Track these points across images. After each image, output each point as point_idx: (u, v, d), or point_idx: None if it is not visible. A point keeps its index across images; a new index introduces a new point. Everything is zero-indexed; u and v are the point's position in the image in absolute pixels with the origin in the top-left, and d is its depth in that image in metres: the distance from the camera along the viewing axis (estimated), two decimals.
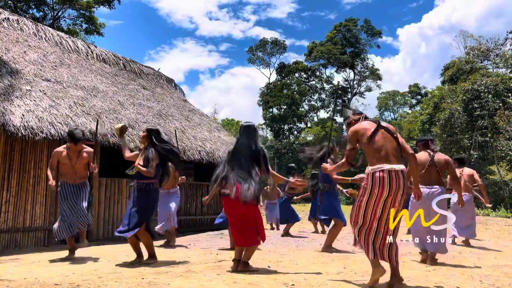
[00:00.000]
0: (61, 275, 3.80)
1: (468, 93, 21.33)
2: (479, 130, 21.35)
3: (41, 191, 7.27)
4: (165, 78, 15.08)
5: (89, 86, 9.97)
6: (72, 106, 8.33)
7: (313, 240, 7.61)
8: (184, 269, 4.03)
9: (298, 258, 4.90)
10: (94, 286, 3.26)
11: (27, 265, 4.63)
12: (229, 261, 4.47)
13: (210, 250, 6.00)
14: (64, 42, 11.74)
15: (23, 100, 7.41)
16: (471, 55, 28.39)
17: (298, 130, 45.47)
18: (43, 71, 9.16)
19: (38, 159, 7.31)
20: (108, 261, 4.87)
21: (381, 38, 48.62)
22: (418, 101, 46.28)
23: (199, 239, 7.90)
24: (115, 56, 13.13)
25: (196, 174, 12.11)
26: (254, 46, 48.93)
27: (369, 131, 3.48)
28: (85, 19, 26.32)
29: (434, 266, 4.47)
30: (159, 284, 3.32)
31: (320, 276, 3.72)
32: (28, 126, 6.85)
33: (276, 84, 45.73)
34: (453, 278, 3.79)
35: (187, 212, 10.43)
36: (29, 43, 10.30)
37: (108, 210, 8.33)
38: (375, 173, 3.35)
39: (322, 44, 46.08)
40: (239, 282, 3.36)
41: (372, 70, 47.02)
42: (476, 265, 4.67)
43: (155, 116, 10.75)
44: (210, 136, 11.87)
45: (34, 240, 7.11)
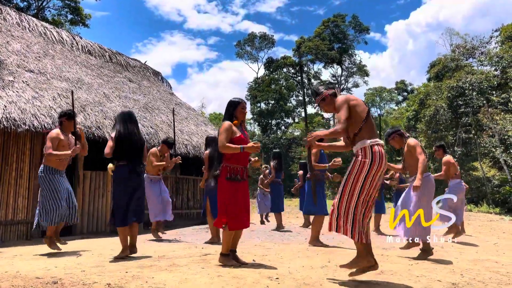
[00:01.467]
0: (43, 269, 3.75)
1: (453, 90, 21.61)
2: (463, 127, 21.68)
3: (24, 184, 7.15)
4: (152, 71, 14.93)
5: (74, 78, 9.81)
6: (56, 98, 8.19)
7: (299, 234, 7.65)
8: (168, 263, 4.01)
9: (283, 252, 4.91)
10: (77, 279, 3.22)
11: (9, 259, 4.56)
12: (214, 254, 4.47)
13: (195, 244, 5.98)
14: (49, 32, 11.52)
15: (5, 91, 7.26)
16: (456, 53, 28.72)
17: (286, 125, 45.56)
18: (26, 61, 8.98)
19: (21, 152, 7.17)
20: (92, 254, 4.82)
21: (369, 34, 49.00)
22: (405, 98, 46.80)
23: (184, 233, 7.88)
24: (100, 48, 12.93)
25: (182, 168, 12.04)
26: (242, 41, 48.80)
27: (363, 104, 3.33)
28: (70, 9, 25.90)
29: (416, 260, 4.54)
30: (143, 277, 3.30)
31: (304, 269, 3.74)
32: (10, 117, 6.71)
33: (264, 79, 45.69)
34: (435, 272, 3.85)
35: (173, 206, 10.36)
36: (12, 33, 10.08)
37: (92, 204, 8.24)
38: (374, 146, 3.19)
39: (310, 39, 46.15)
40: (224, 276, 3.36)
41: (360, 66, 47.31)
42: (458, 259, 4.75)
43: (141, 109, 10.64)
44: (197, 130, 11.81)
45: (17, 234, 7.00)
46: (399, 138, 5.11)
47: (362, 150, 3.21)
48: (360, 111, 3.28)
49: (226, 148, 3.84)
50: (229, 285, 3.06)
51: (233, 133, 3.93)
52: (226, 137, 3.87)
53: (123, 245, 4.49)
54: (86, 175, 8.13)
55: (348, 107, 3.28)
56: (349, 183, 3.20)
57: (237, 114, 4.04)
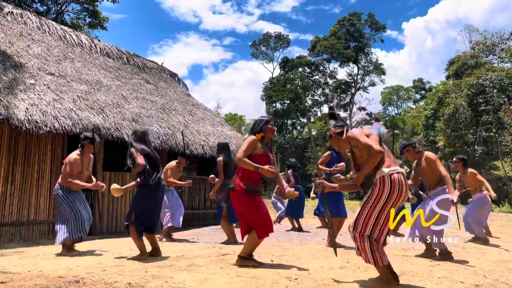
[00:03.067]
0: (65, 268, 3.82)
1: (473, 87, 21.21)
2: (483, 125, 21.24)
3: (45, 185, 7.30)
4: (169, 72, 15.06)
5: (93, 80, 9.97)
6: (76, 100, 8.33)
7: (316, 234, 7.61)
8: (187, 263, 4.04)
9: (301, 252, 4.90)
10: (98, 278, 3.27)
11: (31, 258, 4.66)
12: (232, 255, 4.48)
13: (213, 244, 6.01)
14: (68, 36, 11.73)
15: (27, 94, 7.42)
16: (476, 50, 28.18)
17: (301, 125, 45.37)
18: (46, 65, 9.17)
19: (42, 153, 7.33)
20: (112, 254, 4.89)
21: (385, 32, 48.37)
22: (422, 96, 46.05)
23: (202, 233, 7.92)
24: (118, 50, 13.11)
25: (200, 169, 12.13)
26: (257, 41, 48.71)
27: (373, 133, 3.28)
28: (88, 13, 26.32)
29: (438, 261, 4.47)
30: (163, 277, 3.33)
31: (323, 270, 3.72)
32: (32, 120, 6.86)
33: (280, 79, 45.56)
34: (457, 273, 3.78)
35: (191, 206, 10.45)
36: (33, 37, 10.30)
37: (112, 204, 8.36)
38: (393, 175, 3.09)
39: (325, 38, 45.85)
40: (242, 276, 3.36)
41: (376, 65, 46.74)
42: (480, 260, 4.65)
43: (158, 110, 10.74)
44: (213, 130, 11.86)
45: (38, 233, 7.15)
46: (413, 151, 4.99)
47: (381, 179, 3.10)
48: (373, 140, 3.20)
49: (242, 162, 3.76)
50: (248, 285, 3.07)
51: (256, 149, 3.85)
52: (245, 150, 3.80)
53: (141, 250, 4.50)
54: (105, 176, 8.25)
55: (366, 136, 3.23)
56: (366, 209, 3.13)
57: (265, 131, 3.97)
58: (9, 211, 6.80)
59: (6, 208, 6.77)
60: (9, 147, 6.93)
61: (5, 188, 6.81)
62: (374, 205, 3.09)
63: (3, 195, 6.78)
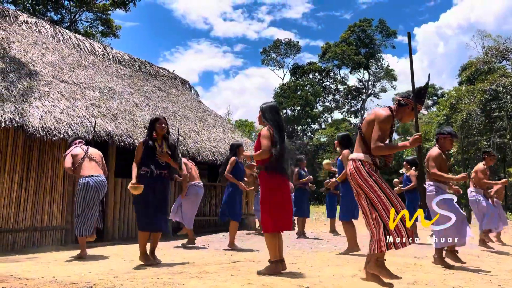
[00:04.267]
0: (78, 274, 3.85)
1: (486, 93, 20.94)
2: (497, 131, 20.94)
3: (59, 191, 7.39)
4: (180, 79, 15.18)
5: (105, 87, 10.10)
6: (89, 107, 8.44)
7: (327, 241, 7.56)
8: (198, 270, 4.04)
9: (312, 260, 4.87)
10: (110, 285, 3.29)
11: (44, 264, 4.71)
12: (243, 262, 4.47)
13: (224, 251, 6.00)
14: (81, 44, 11.92)
15: (41, 102, 7.55)
16: (489, 55, 27.88)
17: (312, 132, 45.30)
18: (60, 73, 9.32)
19: (56, 159, 7.43)
20: (124, 260, 4.92)
21: (396, 38, 48.02)
22: (434, 102, 45.62)
23: (213, 240, 7.92)
24: (130, 58, 13.27)
25: (210, 175, 12.15)
26: (267, 47, 48.98)
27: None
28: (101, 21, 26.69)
29: (451, 270, 4.40)
30: (174, 284, 3.34)
31: (335, 278, 3.69)
32: (46, 127, 6.97)
33: (290, 85, 45.63)
34: (471, 282, 3.72)
35: (201, 213, 10.46)
36: (47, 45, 10.48)
37: (123, 210, 8.42)
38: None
39: (336, 45, 45.86)
40: (254, 284, 3.35)
41: (387, 71, 46.56)
42: (495, 269, 4.57)
43: (169, 117, 10.82)
44: (224, 137, 11.90)
45: (52, 239, 7.22)
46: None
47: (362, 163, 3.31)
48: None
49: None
50: None
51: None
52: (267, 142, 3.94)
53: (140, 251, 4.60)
54: (117, 182, 8.32)
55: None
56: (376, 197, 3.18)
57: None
58: (23, 217, 6.89)
59: (20, 214, 6.86)
60: (24, 153, 7.03)
61: (19, 194, 6.90)
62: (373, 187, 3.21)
63: (17, 201, 6.87)
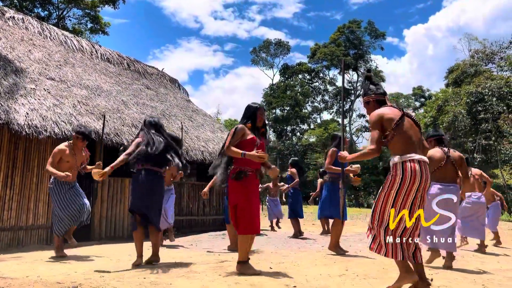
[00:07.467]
0: (63, 274, 3.81)
1: (472, 96, 21.29)
2: (482, 133, 21.30)
3: (44, 190, 7.29)
4: (169, 78, 15.10)
5: (93, 85, 10.00)
6: (76, 105, 8.35)
7: (315, 241, 7.60)
8: (186, 270, 4.03)
9: (300, 260, 4.88)
10: (96, 285, 3.26)
11: (29, 263, 4.65)
12: (231, 261, 4.47)
13: (212, 250, 6.00)
14: (69, 41, 11.78)
15: (27, 99, 7.44)
16: (475, 58, 28.32)
17: (301, 132, 45.45)
18: (47, 70, 9.20)
19: (42, 158, 7.32)
20: (110, 260, 4.88)
21: (385, 39, 48.59)
22: (422, 104, 46.15)
23: (201, 239, 7.90)
24: (119, 56, 13.16)
25: (199, 175, 12.10)
26: (257, 47, 48.99)
27: (396, 116, 3.20)
28: (90, 18, 26.41)
29: (436, 270, 4.46)
30: (161, 284, 3.32)
31: (322, 278, 3.71)
32: (32, 124, 6.87)
33: (280, 85, 45.74)
34: (456, 282, 3.78)
35: (189, 213, 10.43)
36: (34, 42, 10.34)
37: (110, 209, 8.34)
38: (406, 162, 3.07)
39: (325, 45, 46.09)
40: (241, 283, 3.35)
41: (376, 72, 46.94)
42: (479, 269, 4.65)
43: (158, 116, 10.76)
44: (213, 136, 11.88)
45: (37, 238, 7.13)
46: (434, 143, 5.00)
47: (393, 168, 3.12)
48: (389, 125, 3.18)
49: (229, 150, 3.82)
50: None
51: (244, 136, 3.88)
52: (230, 139, 3.84)
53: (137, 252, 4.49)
54: (104, 182, 8.23)
55: (382, 126, 3.21)
56: (380, 201, 3.14)
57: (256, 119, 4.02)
58: (8, 216, 6.79)
59: (4, 213, 6.75)
60: (9, 151, 6.92)
61: (4, 192, 6.79)
62: (387, 193, 3.10)
63: (2, 199, 6.76)
